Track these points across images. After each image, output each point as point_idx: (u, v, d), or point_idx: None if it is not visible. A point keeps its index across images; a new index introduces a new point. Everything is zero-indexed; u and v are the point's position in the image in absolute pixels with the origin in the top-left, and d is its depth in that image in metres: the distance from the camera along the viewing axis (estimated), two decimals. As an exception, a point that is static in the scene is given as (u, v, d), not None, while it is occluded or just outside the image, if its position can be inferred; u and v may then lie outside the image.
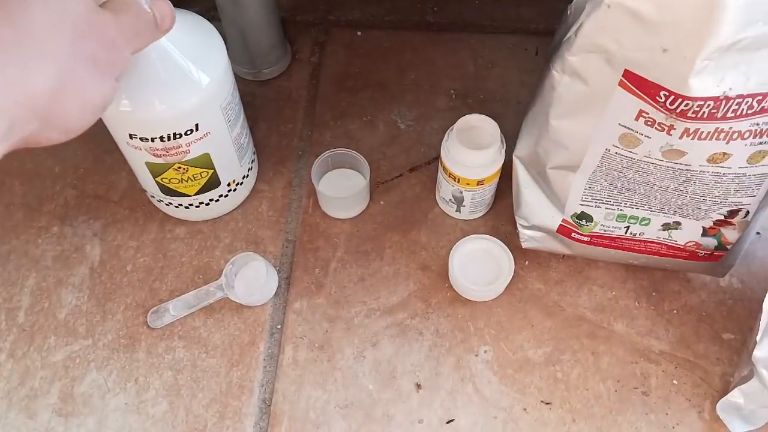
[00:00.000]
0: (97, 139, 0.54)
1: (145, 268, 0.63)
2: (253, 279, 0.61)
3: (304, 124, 0.73)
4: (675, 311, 0.61)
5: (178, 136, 0.52)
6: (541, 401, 0.57)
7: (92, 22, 0.33)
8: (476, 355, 0.59)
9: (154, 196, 0.63)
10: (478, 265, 0.61)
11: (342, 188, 0.66)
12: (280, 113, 0.73)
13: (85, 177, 0.69)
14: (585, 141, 0.50)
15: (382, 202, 0.67)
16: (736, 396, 0.55)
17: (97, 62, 0.34)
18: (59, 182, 0.69)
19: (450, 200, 0.64)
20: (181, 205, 0.62)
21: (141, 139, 0.52)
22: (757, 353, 0.53)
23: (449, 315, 0.61)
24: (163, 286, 0.62)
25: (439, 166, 0.62)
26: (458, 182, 0.60)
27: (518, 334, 0.60)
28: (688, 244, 0.57)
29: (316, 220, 0.66)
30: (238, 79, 0.75)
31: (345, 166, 0.67)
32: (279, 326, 0.60)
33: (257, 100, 0.74)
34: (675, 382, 0.57)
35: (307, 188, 0.68)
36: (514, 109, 0.72)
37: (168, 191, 0.59)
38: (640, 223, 0.56)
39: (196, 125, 0.53)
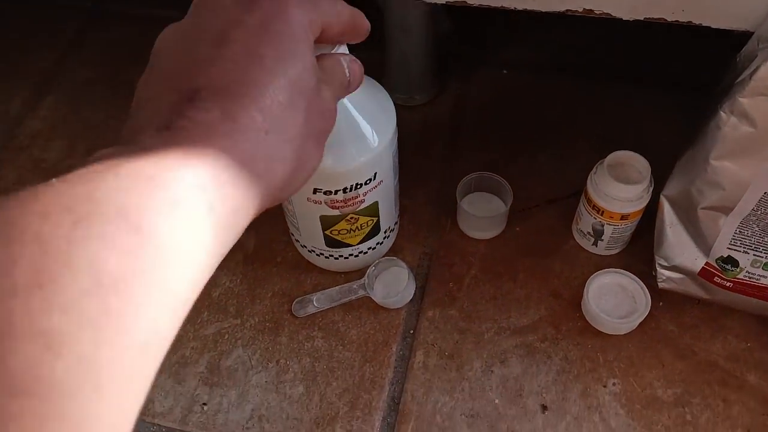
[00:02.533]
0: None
1: (293, 261, 0.68)
2: (392, 283, 0.65)
3: (448, 149, 0.77)
4: (815, 371, 0.60)
5: (358, 186, 0.55)
6: (669, 440, 0.57)
7: (318, 96, 0.33)
8: (604, 386, 0.59)
9: (313, 251, 0.64)
10: (613, 299, 0.62)
11: (482, 209, 0.69)
12: (426, 137, 0.78)
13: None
14: (744, 183, 0.51)
15: (518, 228, 0.70)
16: None
17: (320, 134, 0.34)
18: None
19: (588, 233, 0.65)
20: (341, 256, 0.64)
21: (324, 192, 0.55)
22: None
23: (579, 344, 0.62)
24: (308, 280, 0.67)
25: (582, 197, 0.64)
26: (601, 215, 0.62)
27: (648, 372, 0.60)
28: (839, 302, 0.56)
29: (453, 238, 0.69)
30: (391, 103, 0.81)
31: (487, 189, 0.70)
32: (411, 331, 0.63)
33: (406, 123, 0.79)
34: (812, 442, 0.56)
35: (446, 208, 0.71)
36: (654, 156, 0.73)
37: (333, 243, 0.61)
38: (789, 274, 0.56)
39: (375, 174, 0.56)
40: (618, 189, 0.60)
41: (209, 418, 0.59)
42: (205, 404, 0.60)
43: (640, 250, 0.67)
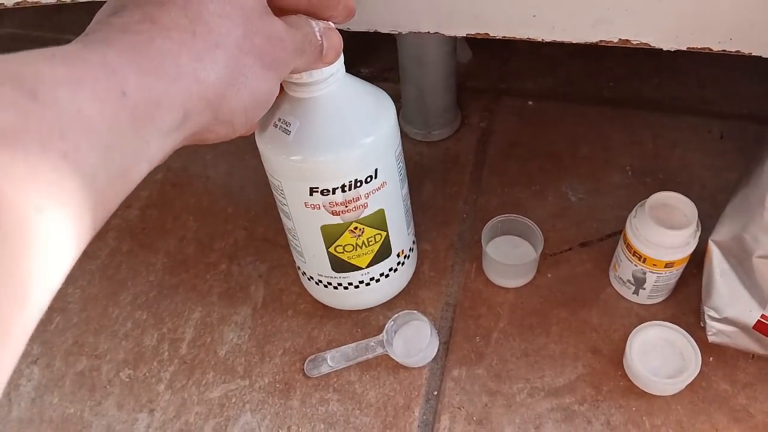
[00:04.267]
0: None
1: (305, 314, 0.63)
2: (412, 339, 0.59)
3: (470, 188, 0.71)
4: None
5: (358, 185, 0.52)
6: None
7: (263, 19, 0.34)
8: (652, 456, 0.53)
9: (320, 281, 0.59)
10: (659, 355, 0.56)
11: (509, 255, 0.63)
12: (446, 175, 0.73)
13: (255, 220, 0.71)
14: (809, 231, 0.45)
15: (549, 275, 0.64)
16: None
17: (264, 56, 0.33)
18: (231, 222, 0.71)
19: (629, 281, 0.59)
20: (350, 284, 0.59)
21: (322, 192, 0.52)
22: None
23: (622, 406, 0.56)
24: (322, 335, 0.61)
25: (621, 243, 0.58)
26: (644, 262, 0.56)
27: (701, 438, 0.54)
28: None
29: (478, 287, 0.64)
30: (409, 140, 0.76)
31: (514, 233, 0.65)
32: (435, 392, 0.58)
33: (425, 159, 0.74)
34: None
35: (470, 252, 0.66)
36: (697, 193, 0.67)
37: (339, 266, 0.57)
38: None
39: (375, 171, 0.52)
40: (661, 234, 0.54)
41: (214, 494, 0.54)
42: (209, 477, 0.55)
43: (687, 299, 0.61)
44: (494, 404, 0.57)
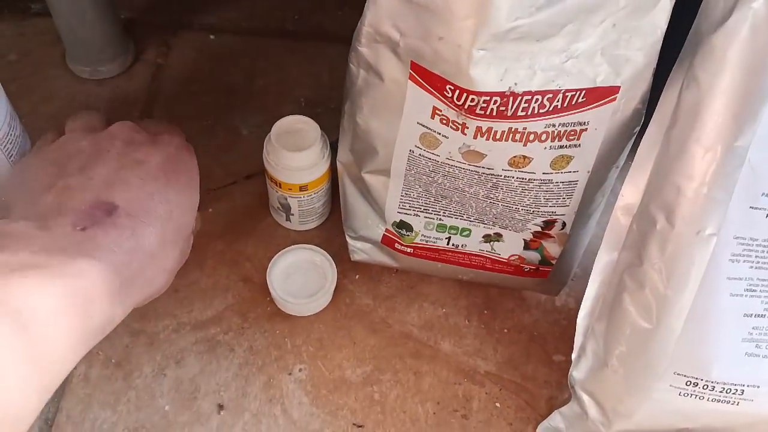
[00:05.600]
0: None
1: None
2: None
3: (140, 127, 0.68)
4: (506, 330, 0.58)
5: None
6: (354, 424, 0.52)
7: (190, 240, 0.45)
8: (290, 374, 0.54)
9: None
10: (302, 278, 0.57)
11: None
12: (113, 114, 0.68)
13: None
14: (392, 142, 0.47)
15: (210, 210, 0.63)
16: (556, 420, 0.52)
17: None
18: None
19: (278, 208, 0.60)
20: None
21: None
22: (573, 373, 0.51)
23: (266, 331, 0.56)
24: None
25: (265, 172, 0.58)
26: (281, 188, 0.56)
27: (338, 352, 0.56)
28: (512, 258, 0.54)
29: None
30: (77, 79, 0.71)
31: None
32: (76, 340, 0.55)
33: (92, 99, 0.69)
34: (498, 405, 0.54)
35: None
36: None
37: None
38: (461, 234, 0.53)
39: None
40: (289, 158, 0.54)
41: None
42: None
43: (340, 223, 0.62)
44: (136, 344, 0.55)
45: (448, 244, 0.54)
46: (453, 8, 0.37)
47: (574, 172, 0.46)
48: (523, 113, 0.41)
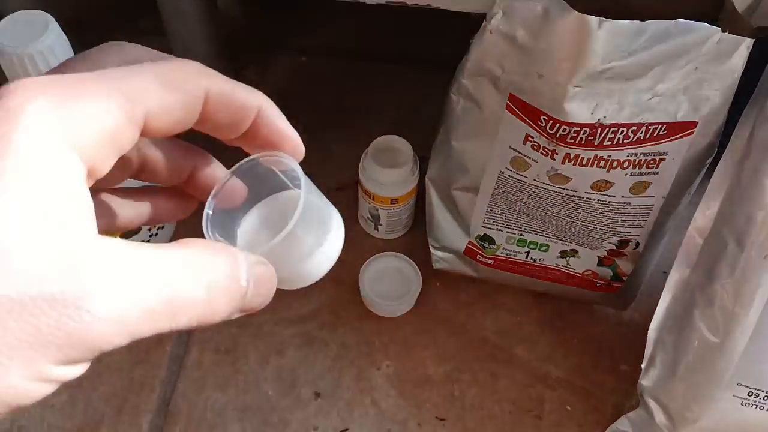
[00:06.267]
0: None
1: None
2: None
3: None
4: (576, 340, 0.63)
5: None
6: (436, 417, 0.58)
7: None
8: (378, 369, 0.60)
9: None
10: (389, 282, 0.63)
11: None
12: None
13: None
14: (483, 163, 0.53)
15: (305, 218, 0.69)
16: (624, 424, 0.57)
17: None
18: None
19: (368, 218, 0.66)
20: None
21: None
22: (642, 382, 0.55)
23: (356, 329, 0.62)
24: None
25: (359, 184, 0.64)
26: (374, 200, 0.62)
27: (421, 351, 0.61)
28: (586, 273, 0.59)
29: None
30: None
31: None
32: (189, 328, 0.62)
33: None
34: (569, 408, 0.59)
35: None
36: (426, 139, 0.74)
37: None
38: (539, 249, 0.58)
39: None
40: (383, 174, 0.61)
41: (-40, 437, 0.55)
42: (-44, 422, 0.56)
43: (422, 233, 0.68)
44: (242, 334, 0.61)
45: (527, 257, 0.59)
46: (555, 52, 0.42)
47: (651, 196, 0.50)
48: (609, 143, 0.46)
